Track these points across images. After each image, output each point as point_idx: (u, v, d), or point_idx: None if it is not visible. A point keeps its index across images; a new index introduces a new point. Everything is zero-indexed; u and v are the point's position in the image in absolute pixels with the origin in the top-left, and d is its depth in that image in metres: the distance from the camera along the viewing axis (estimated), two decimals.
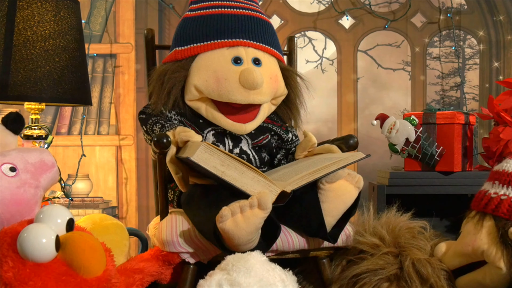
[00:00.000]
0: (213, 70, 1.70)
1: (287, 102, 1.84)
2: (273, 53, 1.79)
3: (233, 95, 1.68)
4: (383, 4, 2.98)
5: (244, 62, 1.72)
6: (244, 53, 1.73)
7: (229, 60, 1.71)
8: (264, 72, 1.72)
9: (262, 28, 1.78)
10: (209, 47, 1.73)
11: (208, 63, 1.71)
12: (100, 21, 2.95)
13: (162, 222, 1.64)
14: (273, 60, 1.79)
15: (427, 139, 2.18)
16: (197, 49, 1.73)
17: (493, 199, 1.57)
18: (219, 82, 1.69)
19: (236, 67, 1.70)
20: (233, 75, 1.68)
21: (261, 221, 1.43)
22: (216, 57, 1.71)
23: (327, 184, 1.56)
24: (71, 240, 1.33)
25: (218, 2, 1.77)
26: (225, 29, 1.73)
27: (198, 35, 1.74)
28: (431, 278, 1.60)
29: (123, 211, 2.96)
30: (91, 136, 2.96)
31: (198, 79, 1.71)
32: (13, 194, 1.44)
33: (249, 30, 1.75)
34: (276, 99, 1.80)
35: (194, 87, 1.71)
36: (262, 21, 1.80)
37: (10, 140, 1.57)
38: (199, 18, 1.76)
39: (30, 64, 1.91)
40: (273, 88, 1.75)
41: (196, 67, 1.72)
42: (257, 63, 1.73)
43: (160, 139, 1.55)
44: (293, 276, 1.47)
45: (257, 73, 1.67)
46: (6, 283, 1.28)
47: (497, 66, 2.96)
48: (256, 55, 1.74)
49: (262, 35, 1.77)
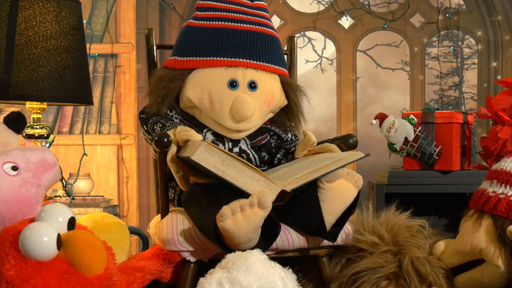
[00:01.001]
0: (209, 90, 1.71)
1: (288, 114, 1.85)
2: (273, 70, 1.78)
3: (223, 121, 1.71)
4: (382, 4, 2.99)
5: (240, 87, 1.72)
6: (241, 76, 1.73)
7: (225, 83, 1.71)
8: (258, 97, 1.73)
9: (265, 44, 1.77)
10: (207, 63, 1.72)
11: (205, 81, 1.71)
12: (101, 21, 2.95)
13: (163, 221, 1.64)
14: (273, 77, 1.78)
15: (425, 138, 2.18)
16: (195, 63, 1.73)
17: (491, 198, 1.57)
18: (213, 104, 1.71)
19: (231, 91, 1.71)
20: (227, 100, 1.70)
21: (261, 220, 1.44)
22: (213, 76, 1.72)
23: (326, 183, 1.56)
24: (73, 238, 1.33)
25: (224, 14, 1.76)
26: (226, 47, 1.73)
27: (198, 48, 1.74)
28: (429, 276, 1.60)
29: (124, 209, 2.96)
30: (92, 135, 2.96)
31: (193, 94, 1.72)
32: (15, 193, 1.44)
33: (250, 48, 1.74)
34: (273, 111, 1.81)
35: (188, 99, 1.73)
36: (266, 36, 1.78)
37: (12, 139, 1.57)
38: (202, 30, 1.75)
39: (32, 64, 1.91)
40: (265, 111, 1.77)
41: (193, 81, 1.72)
42: (252, 86, 1.73)
43: (161, 138, 1.55)
44: (293, 274, 1.47)
45: (248, 105, 1.69)
46: (8, 281, 1.28)
47: (495, 66, 2.96)
48: (253, 78, 1.74)
49: (263, 52, 1.76)
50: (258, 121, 1.77)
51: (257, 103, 1.73)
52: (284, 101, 1.82)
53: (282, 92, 1.81)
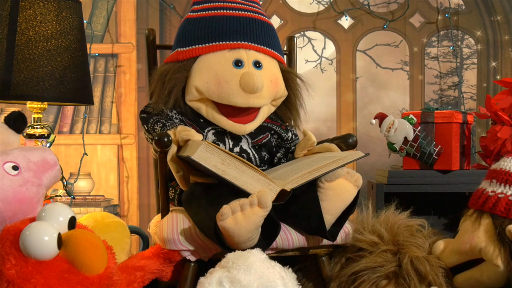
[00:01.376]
0: (214, 72, 1.70)
1: (287, 103, 1.85)
2: (274, 55, 1.79)
3: (233, 98, 1.69)
4: (381, 5, 2.99)
5: (245, 65, 1.72)
6: (245, 56, 1.73)
7: (230, 63, 1.71)
8: (264, 75, 1.72)
9: (263, 30, 1.78)
10: (210, 49, 1.72)
11: (210, 65, 1.71)
12: (101, 21, 2.95)
13: (163, 220, 1.65)
14: (274, 62, 1.79)
15: (425, 138, 2.18)
16: (198, 50, 1.73)
17: (490, 198, 1.58)
18: (220, 84, 1.69)
19: (237, 69, 1.70)
20: (234, 78, 1.68)
21: (261, 219, 1.44)
22: (218, 59, 1.71)
23: (326, 183, 1.57)
24: (73, 238, 1.33)
25: (220, 4, 1.77)
26: (227, 31, 1.73)
27: (200, 36, 1.74)
28: (429, 275, 1.61)
29: (124, 209, 2.96)
30: (93, 135, 2.97)
31: (199, 81, 1.71)
32: (16, 192, 1.44)
33: (251, 32, 1.75)
34: (276, 101, 1.80)
35: (195, 88, 1.71)
36: (264, 23, 1.80)
37: (13, 139, 1.58)
38: (201, 19, 1.76)
39: (33, 64, 1.91)
40: (272, 91, 1.76)
41: (197, 68, 1.72)
42: (258, 66, 1.73)
43: (161, 138, 1.56)
44: (293, 274, 1.47)
45: (258, 77, 1.68)
46: (8, 281, 1.29)
47: (494, 66, 2.96)
48: (257, 58, 1.74)
49: (263, 37, 1.77)
50: (268, 100, 1.75)
51: (265, 80, 1.72)
52: (285, 92, 1.81)
53: (282, 80, 1.81)
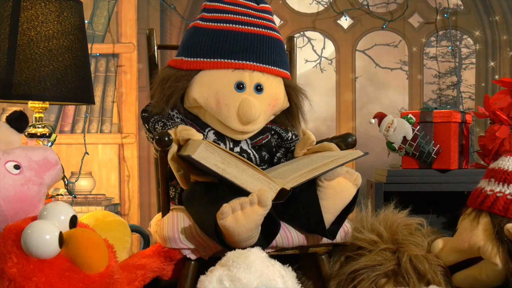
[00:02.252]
0: (215, 91, 1.70)
1: (289, 116, 1.86)
2: (278, 73, 1.78)
3: (229, 122, 1.71)
4: (381, 5, 2.99)
5: (247, 89, 1.72)
6: (248, 78, 1.72)
7: (232, 85, 1.71)
8: (263, 100, 1.73)
9: (271, 47, 1.77)
10: (214, 65, 1.72)
11: (211, 82, 1.71)
12: (102, 22, 2.95)
13: (164, 219, 1.65)
14: (278, 80, 1.79)
15: (424, 137, 2.18)
16: (202, 64, 1.73)
17: (489, 196, 1.58)
18: (219, 105, 1.70)
19: (238, 93, 1.71)
20: (233, 102, 1.69)
21: (261, 218, 1.44)
22: (220, 78, 1.71)
23: (326, 182, 1.57)
24: (74, 236, 1.33)
25: (231, 16, 1.75)
26: (233, 48, 1.72)
27: (206, 50, 1.73)
28: (428, 274, 1.61)
29: (125, 208, 2.96)
30: (94, 135, 2.97)
31: (199, 95, 1.71)
32: (17, 191, 1.44)
33: (257, 51, 1.74)
34: (276, 112, 1.81)
35: (193, 99, 1.72)
36: (272, 39, 1.78)
37: (14, 138, 1.58)
38: (209, 31, 1.75)
39: (34, 64, 1.91)
40: (269, 114, 1.78)
41: (199, 81, 1.72)
42: (258, 89, 1.73)
43: (162, 137, 1.56)
44: (293, 272, 1.47)
45: (255, 108, 1.69)
46: (10, 279, 1.29)
47: (493, 66, 2.96)
48: (259, 80, 1.74)
49: (270, 55, 1.76)
50: (263, 123, 1.77)
51: (263, 106, 1.73)
52: (287, 104, 1.82)
53: (285, 94, 1.81)
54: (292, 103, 1.83)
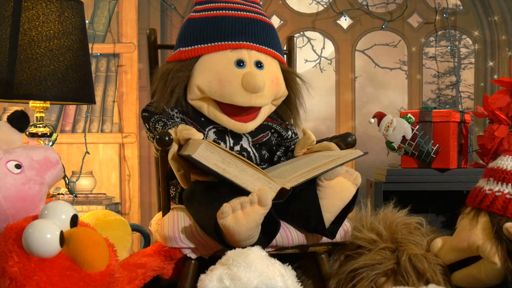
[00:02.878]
0: (216, 72, 1.70)
1: (287, 103, 1.85)
2: (275, 56, 1.80)
3: (235, 98, 1.69)
4: (380, 5, 2.99)
5: (247, 65, 1.72)
6: (247, 56, 1.73)
7: (232, 63, 1.71)
8: (265, 75, 1.73)
9: (265, 30, 1.79)
10: (212, 48, 1.73)
11: (212, 65, 1.71)
12: (103, 22, 2.95)
13: (164, 218, 1.66)
14: (275, 62, 1.80)
15: (423, 137, 2.18)
16: (201, 50, 1.74)
17: (488, 196, 1.58)
18: (222, 84, 1.69)
19: (239, 69, 1.71)
20: (236, 77, 1.69)
21: (261, 217, 1.45)
22: (220, 59, 1.72)
23: (325, 181, 1.58)
24: (75, 235, 1.34)
25: (222, 4, 1.77)
26: (229, 32, 1.73)
27: (202, 36, 1.74)
28: (427, 272, 1.61)
29: (126, 207, 2.96)
30: (95, 134, 2.96)
31: (201, 80, 1.71)
32: (18, 190, 1.45)
33: (253, 33, 1.76)
34: (276, 100, 1.81)
35: (197, 87, 1.72)
36: (265, 23, 1.80)
37: (16, 138, 1.58)
38: (203, 19, 1.76)
39: (35, 64, 1.92)
40: (274, 91, 1.76)
41: (200, 68, 1.72)
42: (259, 66, 1.74)
43: (162, 137, 1.57)
44: (292, 271, 1.47)
45: (259, 77, 1.68)
46: (11, 278, 1.30)
47: (491, 66, 2.96)
48: (259, 58, 1.75)
49: (265, 37, 1.78)
50: (269, 99, 1.76)
51: (266, 80, 1.72)
52: (286, 91, 1.82)
53: (283, 81, 1.81)
54: (290, 89, 1.83)
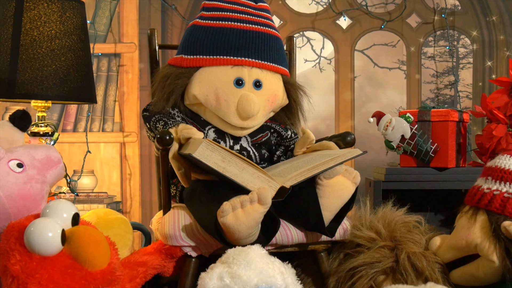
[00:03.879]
0: (215, 88, 1.71)
1: (288, 113, 1.86)
2: (277, 70, 1.80)
3: (228, 118, 1.72)
4: (379, 5, 2.99)
5: (246, 85, 1.73)
6: (247, 75, 1.74)
7: (231, 81, 1.72)
8: (262, 96, 1.74)
9: (269, 44, 1.78)
10: (214, 62, 1.73)
11: (211, 78, 1.72)
12: (104, 22, 2.95)
13: (165, 217, 1.66)
14: (276, 77, 1.80)
15: (422, 136, 2.19)
16: (202, 61, 1.74)
17: (486, 194, 1.58)
18: (219, 101, 1.71)
19: (237, 89, 1.72)
20: (233, 98, 1.71)
21: (261, 215, 1.45)
22: (220, 74, 1.72)
23: (325, 180, 1.58)
24: (77, 234, 1.34)
25: (229, 14, 1.77)
26: (232, 46, 1.73)
27: (205, 47, 1.74)
28: (426, 271, 1.62)
29: (127, 206, 2.96)
30: (96, 133, 2.97)
31: (199, 91, 1.73)
32: (20, 189, 1.45)
33: (255, 48, 1.75)
34: (275, 109, 1.82)
35: (193, 96, 1.73)
36: (271, 36, 1.80)
37: (18, 137, 1.58)
38: (209, 29, 1.76)
39: (37, 63, 1.92)
40: (268, 110, 1.78)
41: (199, 78, 1.73)
42: (257, 85, 1.74)
43: (163, 136, 1.57)
44: (292, 269, 1.47)
45: (254, 103, 1.70)
46: (13, 276, 1.30)
47: (490, 65, 2.96)
48: (258, 77, 1.75)
49: (268, 52, 1.77)
50: (262, 119, 1.78)
51: (262, 102, 1.74)
52: (286, 100, 1.83)
53: (284, 91, 1.82)
54: (291, 99, 1.84)
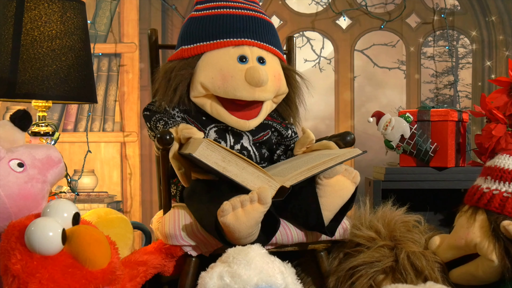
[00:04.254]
0: (219, 68, 1.71)
1: (287, 101, 1.86)
2: (275, 53, 1.81)
3: (238, 92, 1.70)
4: (379, 5, 2.99)
5: (250, 61, 1.73)
6: (249, 52, 1.74)
7: (235, 58, 1.72)
8: (268, 70, 1.74)
9: (265, 28, 1.80)
10: (215, 46, 1.74)
11: (214, 61, 1.72)
12: (105, 22, 2.95)
13: (165, 216, 1.66)
14: (276, 59, 1.81)
15: (421, 136, 2.19)
16: (203, 47, 1.75)
17: (485, 194, 1.58)
18: (225, 79, 1.70)
19: (242, 65, 1.72)
20: (239, 72, 1.70)
21: (261, 215, 1.45)
22: (222, 55, 1.73)
23: (325, 180, 1.58)
24: (77, 233, 1.34)
25: (223, 3, 1.79)
26: (231, 29, 1.75)
27: (204, 34, 1.75)
28: (425, 270, 1.62)
29: (127, 205, 2.96)
30: (96, 133, 2.97)
31: (204, 77, 1.72)
32: (21, 189, 1.46)
33: (254, 30, 1.77)
34: (277, 97, 1.81)
35: (200, 84, 1.72)
36: (265, 21, 1.82)
37: (18, 136, 1.59)
38: (205, 18, 1.78)
39: (38, 63, 1.92)
40: (276, 86, 1.77)
41: (202, 65, 1.73)
42: (261, 61, 1.75)
43: (163, 135, 1.57)
44: (292, 269, 1.48)
45: (263, 71, 1.69)
46: (14, 275, 1.30)
47: (489, 65, 2.97)
48: (261, 54, 1.76)
49: (265, 35, 1.79)
50: (272, 94, 1.77)
51: (269, 75, 1.74)
52: (286, 89, 1.83)
53: (284, 78, 1.82)
54: (289, 86, 1.84)
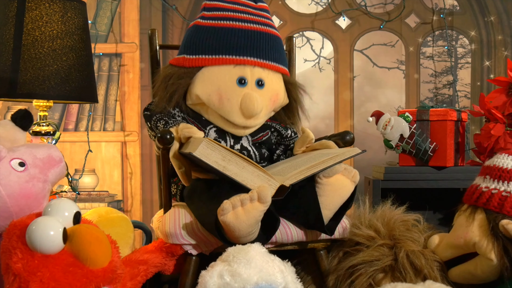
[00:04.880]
0: (217, 87, 1.72)
1: (288, 112, 1.87)
2: (278, 70, 1.80)
3: (231, 117, 1.72)
4: (378, 5, 3.00)
5: (248, 84, 1.73)
6: (249, 74, 1.74)
7: (234, 80, 1.72)
8: (265, 95, 1.75)
9: (270, 44, 1.79)
10: (216, 61, 1.74)
11: (213, 78, 1.73)
12: (105, 22, 2.96)
13: (166, 215, 1.66)
14: (278, 76, 1.81)
15: (420, 135, 2.19)
16: (204, 61, 1.74)
17: (484, 193, 1.58)
18: (221, 100, 1.72)
19: (240, 88, 1.72)
20: (236, 97, 1.71)
21: (261, 214, 1.45)
22: (222, 73, 1.73)
23: (324, 179, 1.58)
24: (78, 232, 1.34)
25: (230, 14, 1.77)
26: (234, 46, 1.74)
27: (207, 47, 1.75)
28: (424, 269, 1.62)
29: (128, 204, 2.97)
30: (97, 132, 2.98)
31: (201, 91, 1.73)
32: (22, 188, 1.46)
33: (257, 47, 1.76)
34: (275, 108, 1.83)
35: (196, 96, 1.73)
36: (271, 36, 1.80)
37: (19, 136, 1.59)
38: (210, 29, 1.76)
39: (39, 63, 1.93)
40: (270, 109, 1.79)
41: (201, 78, 1.74)
42: (260, 84, 1.75)
43: (164, 135, 1.57)
44: (292, 267, 1.47)
45: (257, 102, 1.70)
46: (15, 274, 1.30)
47: (488, 65, 2.97)
48: (261, 76, 1.76)
49: (269, 51, 1.78)
50: (264, 118, 1.79)
51: (264, 101, 1.74)
52: (286, 100, 1.84)
53: (285, 91, 1.83)
54: (292, 99, 1.85)
